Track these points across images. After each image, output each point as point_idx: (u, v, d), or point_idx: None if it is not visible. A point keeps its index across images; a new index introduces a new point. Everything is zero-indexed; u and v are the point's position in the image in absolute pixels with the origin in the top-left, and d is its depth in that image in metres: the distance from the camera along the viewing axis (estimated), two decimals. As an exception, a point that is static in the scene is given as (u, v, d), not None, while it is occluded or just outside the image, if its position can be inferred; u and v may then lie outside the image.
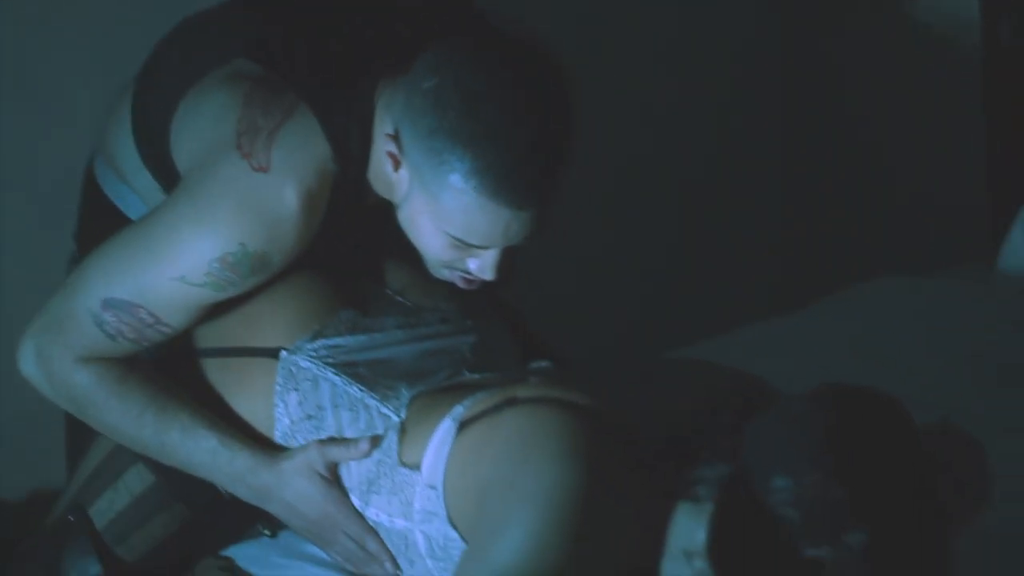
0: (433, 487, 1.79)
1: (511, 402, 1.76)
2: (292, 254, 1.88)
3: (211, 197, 1.84)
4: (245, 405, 1.95)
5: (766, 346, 2.60)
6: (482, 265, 1.86)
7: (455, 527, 1.76)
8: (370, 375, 1.92)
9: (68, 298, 1.88)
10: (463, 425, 1.78)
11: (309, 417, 1.91)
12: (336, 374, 1.91)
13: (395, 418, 1.87)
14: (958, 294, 2.90)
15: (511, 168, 1.76)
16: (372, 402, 1.89)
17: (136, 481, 1.98)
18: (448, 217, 1.81)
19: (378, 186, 1.91)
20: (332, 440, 1.88)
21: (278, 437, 1.93)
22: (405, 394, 1.89)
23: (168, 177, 1.96)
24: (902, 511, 1.60)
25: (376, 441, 1.86)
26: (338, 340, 1.93)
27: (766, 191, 3.58)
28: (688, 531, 1.66)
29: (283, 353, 1.92)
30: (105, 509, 1.98)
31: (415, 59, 1.83)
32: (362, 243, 2.01)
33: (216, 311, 1.93)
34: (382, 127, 1.86)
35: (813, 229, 3.61)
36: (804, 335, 2.71)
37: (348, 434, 1.89)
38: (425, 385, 1.91)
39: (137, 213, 2.01)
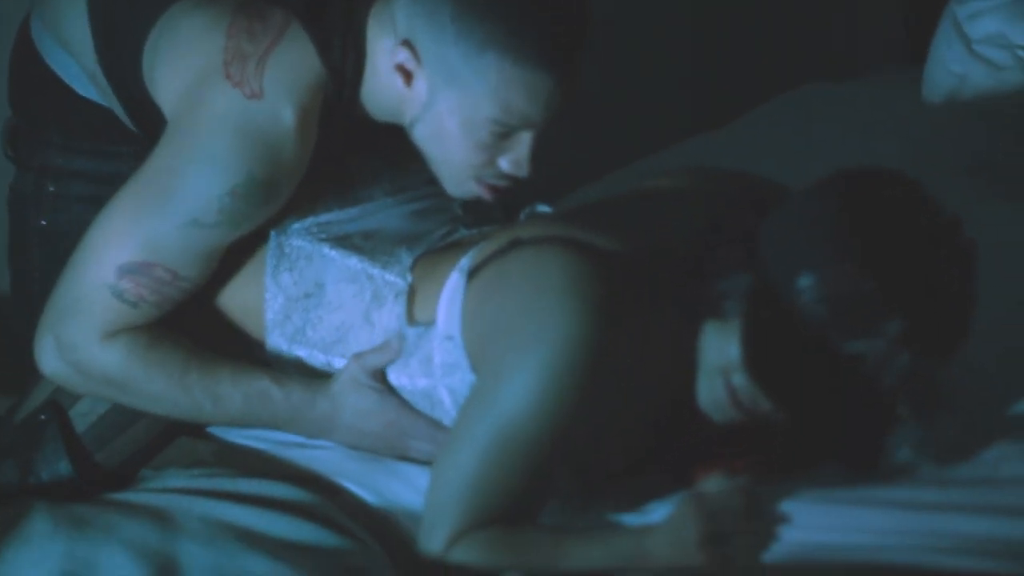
0: (450, 337, 1.78)
1: (515, 244, 1.75)
2: (297, 176, 1.82)
3: (209, 132, 1.78)
4: (232, 292, 1.90)
5: (697, 162, 2.60)
6: (516, 157, 1.80)
7: (478, 374, 1.76)
8: (367, 245, 1.90)
9: (79, 278, 1.81)
10: (472, 274, 1.77)
11: (307, 295, 1.88)
12: (332, 248, 1.89)
13: (402, 283, 1.85)
14: (882, 96, 2.92)
15: (547, 30, 1.74)
16: (375, 271, 1.87)
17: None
18: (487, 102, 1.76)
19: (376, 108, 1.85)
20: (366, 352, 1.84)
21: (269, 318, 1.89)
22: (406, 259, 1.87)
23: (136, 104, 1.89)
24: (936, 291, 1.56)
25: (400, 338, 1.83)
26: (328, 216, 1.90)
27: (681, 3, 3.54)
28: (719, 349, 1.66)
29: (272, 233, 1.88)
30: (87, 412, 1.92)
31: None
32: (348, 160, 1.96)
33: None
34: (381, 45, 1.81)
35: (734, 40, 3.59)
36: (733, 148, 2.71)
37: (351, 306, 1.87)
38: (425, 246, 1.89)
39: (82, 87, 1.94)
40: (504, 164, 1.81)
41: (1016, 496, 1.53)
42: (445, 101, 1.78)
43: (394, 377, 1.85)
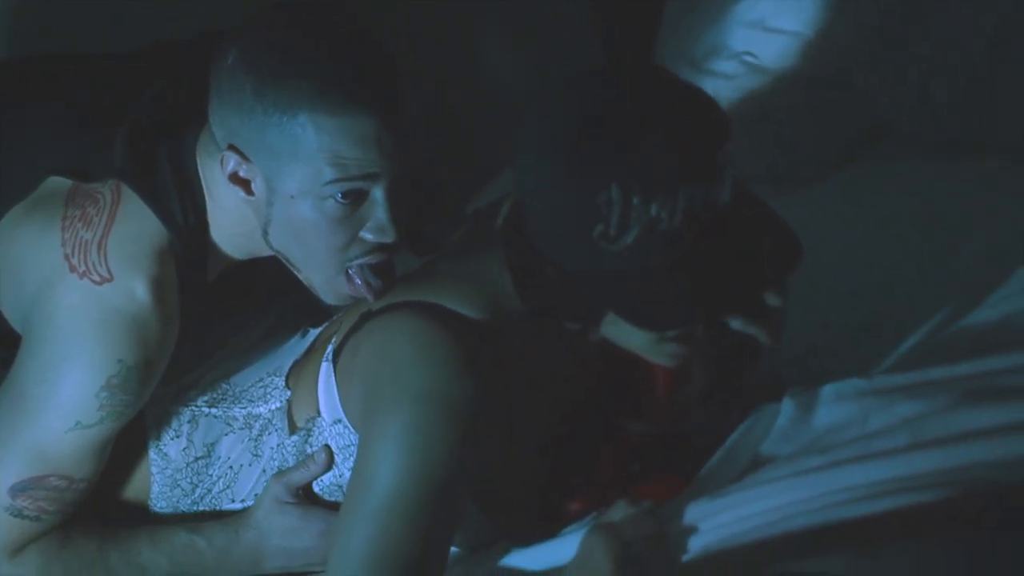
0: (338, 420, 1.80)
1: (366, 317, 1.79)
2: (169, 347, 1.79)
3: (69, 331, 1.74)
4: (111, 469, 1.86)
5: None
6: (376, 222, 1.73)
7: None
8: (239, 389, 1.90)
9: None
10: (335, 358, 1.80)
11: (198, 459, 1.88)
12: (210, 406, 1.88)
13: (284, 403, 1.86)
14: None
15: (350, 73, 1.69)
16: (260, 409, 1.88)
17: None
18: (318, 163, 1.69)
19: (235, 245, 1.82)
20: (288, 470, 1.84)
21: (155, 491, 1.88)
22: (279, 380, 1.89)
23: None
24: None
25: (328, 450, 1.83)
26: (192, 375, 1.90)
27: None
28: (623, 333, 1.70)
29: (145, 407, 1.85)
30: None
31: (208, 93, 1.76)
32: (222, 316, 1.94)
33: None
34: (214, 174, 1.77)
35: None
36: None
37: (239, 452, 1.87)
38: (290, 358, 1.91)
39: None
40: (368, 235, 1.75)
41: (892, 440, 1.61)
42: (282, 184, 1.73)
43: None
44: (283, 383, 1.89)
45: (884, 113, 2.63)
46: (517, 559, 1.81)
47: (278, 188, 1.73)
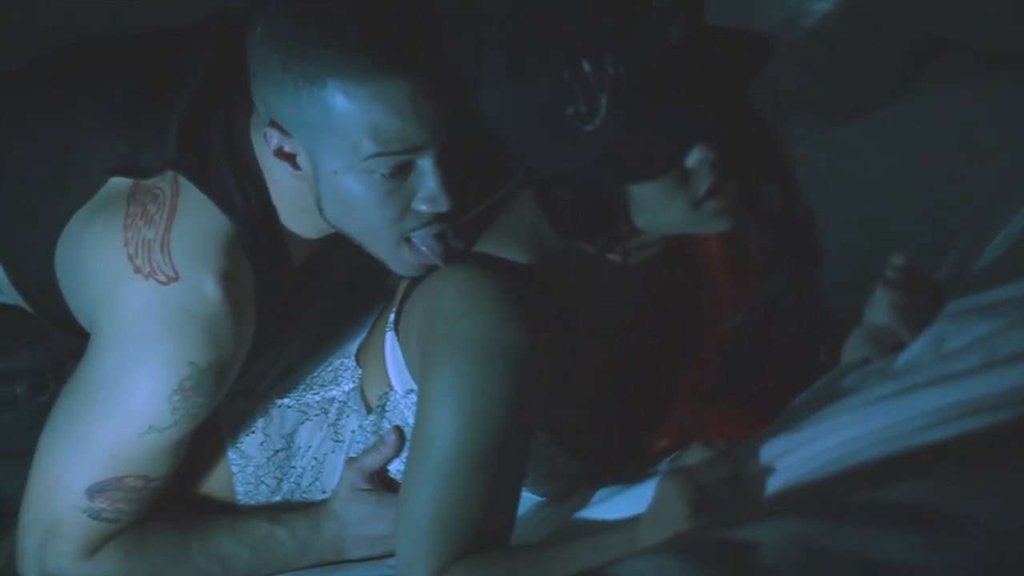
0: (411, 390, 1.78)
1: (414, 281, 1.77)
2: (244, 344, 1.75)
3: (138, 334, 1.70)
4: (192, 474, 1.86)
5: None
6: (427, 192, 1.65)
7: None
8: (308, 375, 1.88)
9: (48, 507, 1.76)
10: (397, 324, 1.77)
11: (277, 452, 1.86)
12: (282, 396, 1.86)
13: (356, 383, 1.84)
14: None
15: (376, 36, 1.60)
16: (334, 392, 1.86)
17: None
18: (356, 136, 1.62)
19: (305, 224, 1.76)
20: (360, 455, 1.82)
21: (241, 492, 1.86)
22: (349, 362, 1.87)
23: (61, 321, 1.83)
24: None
25: (399, 430, 1.82)
26: (259, 366, 1.87)
27: None
28: (660, 212, 1.67)
29: (218, 407, 1.83)
30: None
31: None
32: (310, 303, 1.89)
33: None
34: (265, 152, 1.72)
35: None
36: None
37: (319, 441, 1.85)
38: (357, 336, 1.88)
39: None
40: (421, 205, 1.67)
41: (966, 360, 1.58)
42: (324, 160, 1.66)
43: (395, 467, 1.85)
44: (354, 363, 1.87)
45: (939, 29, 2.58)
46: (596, 509, 1.79)
47: (320, 164, 1.67)
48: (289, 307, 1.88)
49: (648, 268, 1.79)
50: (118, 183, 1.76)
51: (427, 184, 1.65)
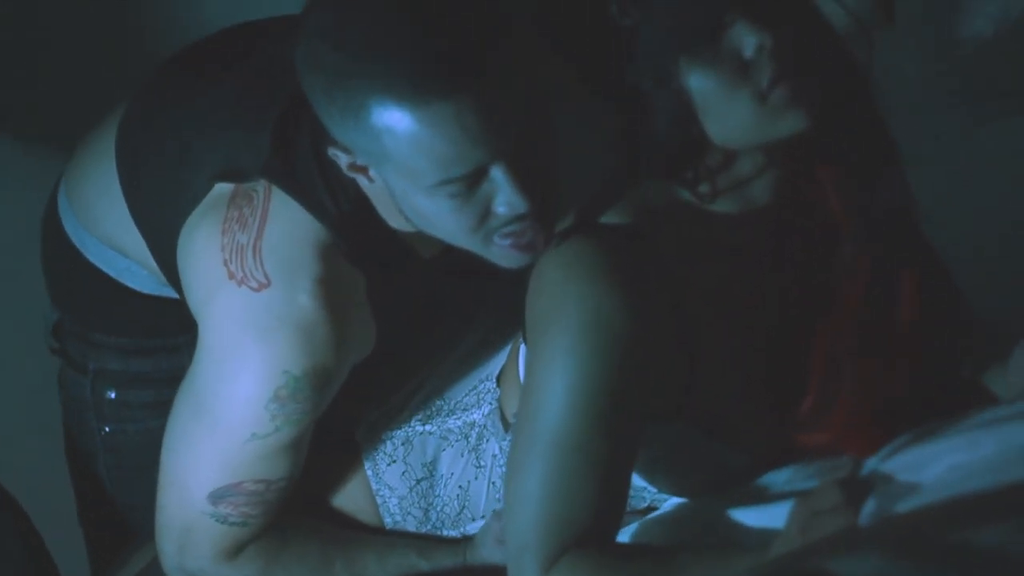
0: None
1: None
2: (350, 350, 1.68)
3: (232, 343, 1.65)
4: (341, 503, 1.84)
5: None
6: (505, 197, 1.55)
7: None
8: (449, 398, 1.83)
9: (177, 513, 1.73)
10: (524, 333, 1.69)
11: (419, 481, 1.82)
12: (423, 423, 1.82)
13: (493, 405, 1.80)
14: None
15: (411, 61, 1.49)
16: (475, 416, 1.81)
17: None
18: (415, 164, 1.53)
19: (397, 218, 1.67)
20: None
21: (389, 523, 1.83)
22: (489, 384, 1.82)
23: None
24: None
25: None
26: (402, 394, 1.83)
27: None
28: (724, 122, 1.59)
29: (359, 436, 1.82)
30: None
31: None
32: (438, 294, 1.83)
33: None
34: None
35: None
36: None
37: (462, 467, 1.81)
38: (501, 362, 1.82)
39: (133, 279, 1.87)
40: (501, 208, 1.57)
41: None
42: (391, 180, 1.58)
43: None
44: (494, 384, 1.81)
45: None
46: (738, 513, 1.70)
47: (389, 182, 1.59)
48: (437, 302, 1.82)
49: (766, 226, 1.67)
50: (222, 187, 1.71)
51: (502, 191, 1.55)
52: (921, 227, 1.74)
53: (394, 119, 1.50)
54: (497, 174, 1.54)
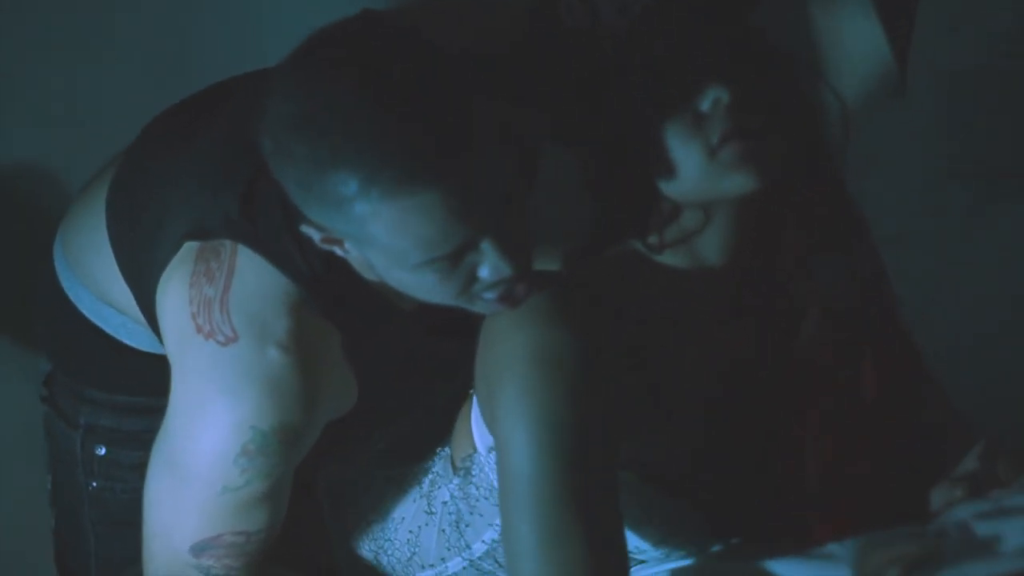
0: (492, 447, 1.68)
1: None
2: (322, 405, 1.64)
3: (199, 398, 1.62)
4: (299, 545, 1.82)
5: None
6: (490, 264, 1.53)
7: None
8: (411, 446, 1.81)
9: (163, 564, 1.68)
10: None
11: (372, 524, 1.83)
12: (383, 467, 1.81)
13: (445, 450, 1.78)
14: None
15: (393, 152, 1.45)
16: (427, 463, 1.80)
17: None
18: (399, 247, 1.50)
19: (374, 276, 1.63)
20: None
21: (342, 562, 1.83)
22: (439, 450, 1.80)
23: None
24: None
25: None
26: (363, 441, 1.80)
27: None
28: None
29: (319, 477, 1.80)
30: None
31: None
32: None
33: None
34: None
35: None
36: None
37: (414, 511, 1.79)
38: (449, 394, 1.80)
39: (128, 335, 1.84)
40: (486, 274, 1.54)
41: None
42: (373, 259, 1.55)
43: (477, 548, 1.75)
44: (442, 447, 1.80)
45: None
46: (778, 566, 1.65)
47: (368, 258, 1.56)
48: (419, 355, 1.76)
49: (723, 289, 1.64)
50: (193, 244, 1.68)
51: (488, 260, 1.53)
52: (893, 306, 1.72)
53: (378, 211, 1.47)
54: (484, 246, 1.52)
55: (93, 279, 1.85)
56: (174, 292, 1.65)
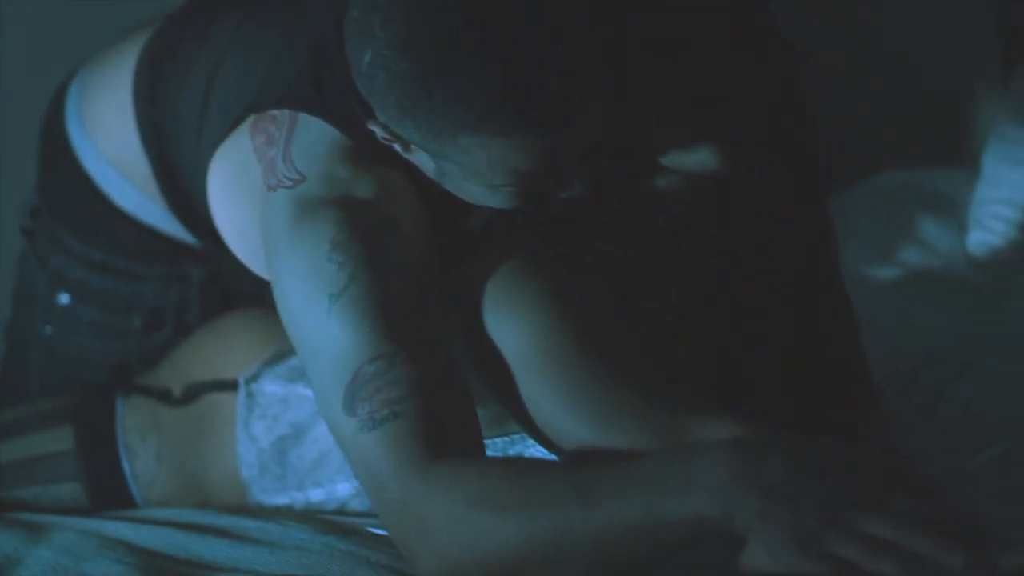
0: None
1: None
2: (402, 203, 1.57)
3: (286, 240, 1.54)
4: (207, 449, 1.83)
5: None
6: (565, 191, 1.53)
7: None
8: None
9: (343, 447, 1.48)
10: None
11: (283, 438, 1.81)
12: (307, 386, 1.79)
13: None
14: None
15: (512, 85, 1.42)
16: None
17: (68, 497, 1.84)
18: (490, 173, 1.48)
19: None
20: None
21: (245, 475, 1.82)
22: None
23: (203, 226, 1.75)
24: None
25: None
26: (296, 359, 1.80)
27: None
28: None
29: (240, 380, 1.80)
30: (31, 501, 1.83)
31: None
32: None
33: (177, 359, 1.84)
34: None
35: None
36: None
37: (327, 434, 1.77)
38: None
39: (121, 196, 1.85)
40: (563, 195, 1.55)
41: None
42: (452, 172, 1.52)
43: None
44: None
45: None
46: None
47: (444, 167, 1.53)
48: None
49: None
50: (248, 120, 1.65)
51: (564, 188, 1.54)
52: (837, 264, 1.67)
53: (485, 144, 1.46)
54: (566, 175, 1.52)
55: (106, 135, 1.85)
56: (235, 162, 1.63)
